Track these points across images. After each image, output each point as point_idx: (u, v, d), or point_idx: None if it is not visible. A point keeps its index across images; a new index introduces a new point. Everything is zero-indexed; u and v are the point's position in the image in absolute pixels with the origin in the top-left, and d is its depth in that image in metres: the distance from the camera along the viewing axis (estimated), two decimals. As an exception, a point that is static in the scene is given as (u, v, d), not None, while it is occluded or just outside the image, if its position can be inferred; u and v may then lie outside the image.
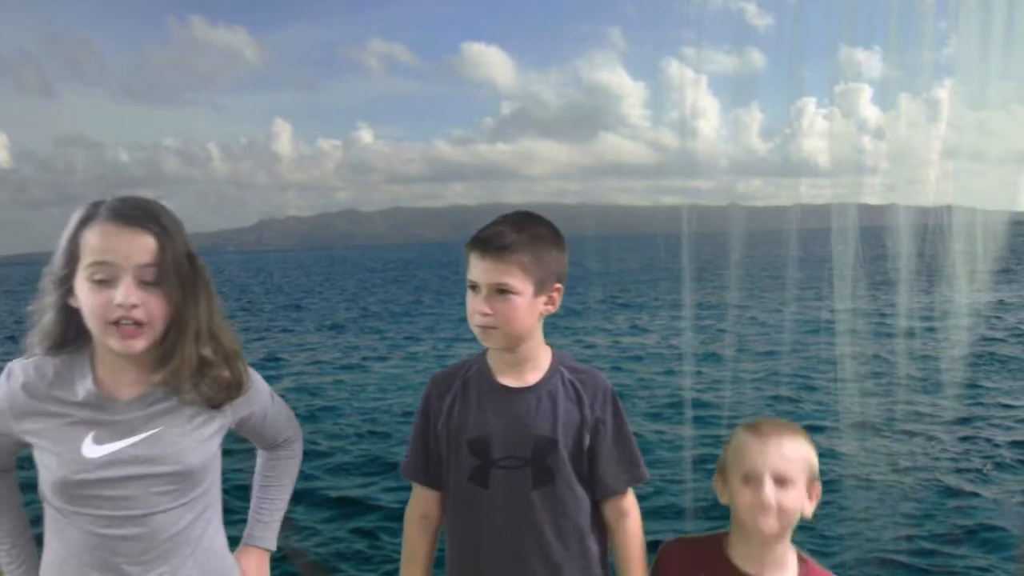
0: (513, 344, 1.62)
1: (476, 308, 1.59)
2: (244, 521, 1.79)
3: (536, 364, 1.67)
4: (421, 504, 1.73)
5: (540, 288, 1.60)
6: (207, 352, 1.45)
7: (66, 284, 1.39)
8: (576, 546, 1.64)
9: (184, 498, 1.46)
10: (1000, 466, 6.62)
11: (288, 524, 1.81)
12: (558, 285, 1.65)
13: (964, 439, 7.41)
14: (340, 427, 8.69)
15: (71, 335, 1.44)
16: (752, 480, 1.55)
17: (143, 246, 1.36)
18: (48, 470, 1.40)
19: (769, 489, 1.52)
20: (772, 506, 1.52)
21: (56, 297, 1.41)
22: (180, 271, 1.40)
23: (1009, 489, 6.09)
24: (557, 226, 1.67)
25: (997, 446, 7.14)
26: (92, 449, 1.40)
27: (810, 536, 5.20)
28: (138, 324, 1.36)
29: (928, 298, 18.50)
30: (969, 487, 6.12)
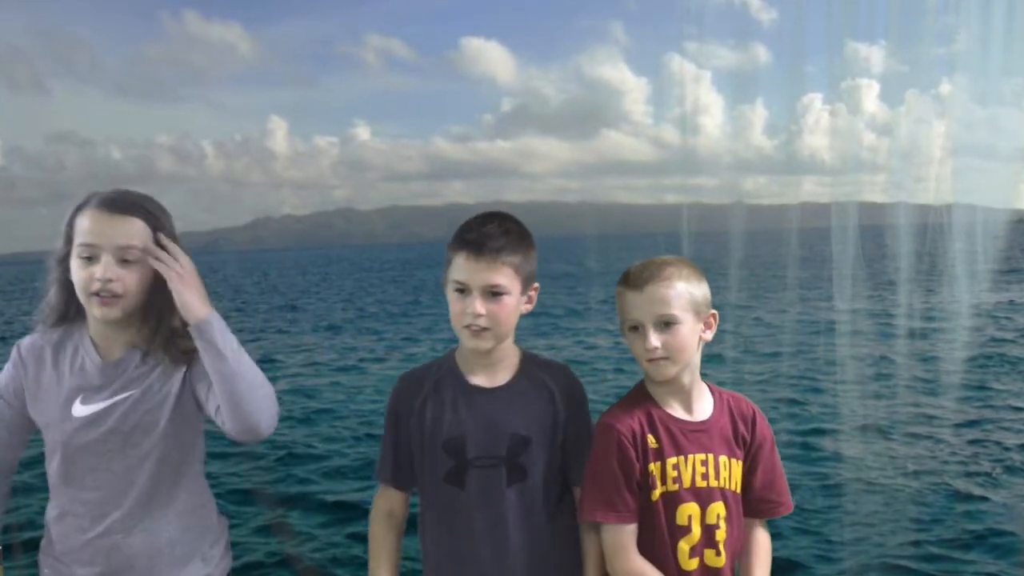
0: (499, 344, 1.67)
1: (469, 310, 1.62)
2: (241, 526, 1.80)
3: (507, 363, 1.72)
4: (387, 502, 1.77)
5: (524, 287, 1.68)
6: (177, 323, 1.64)
7: (65, 263, 1.63)
8: (553, 542, 1.68)
9: (156, 455, 1.66)
10: (1010, 470, 6.52)
11: (285, 529, 1.81)
12: (536, 284, 1.72)
13: (973, 442, 7.30)
14: (337, 430, 8.58)
15: (72, 308, 1.68)
16: (637, 329, 1.62)
17: (124, 230, 1.59)
18: (51, 430, 1.66)
19: (653, 336, 1.59)
20: (659, 352, 1.59)
21: (58, 274, 1.66)
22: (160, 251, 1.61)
23: (1019, 493, 6.00)
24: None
25: (1007, 449, 7.04)
26: (80, 409, 1.64)
27: (815, 541, 5.12)
28: (114, 295, 1.58)
29: (936, 298, 18.41)
30: (978, 491, 6.02)
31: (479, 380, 1.70)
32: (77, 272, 1.59)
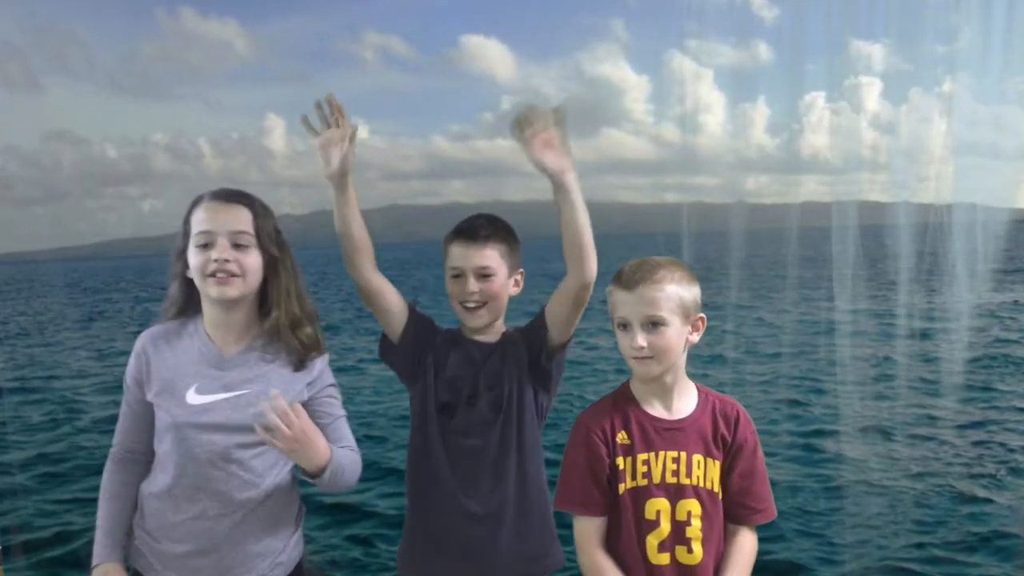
0: (493, 320, 1.95)
1: (464, 289, 1.90)
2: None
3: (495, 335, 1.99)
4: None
5: (511, 272, 1.96)
6: (296, 309, 1.78)
7: (183, 257, 1.73)
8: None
9: (257, 451, 1.72)
10: (1014, 471, 6.47)
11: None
12: (521, 270, 2.00)
13: (977, 444, 7.25)
14: (336, 431, 8.52)
15: (191, 302, 1.78)
16: (625, 327, 1.68)
17: (237, 216, 1.71)
18: (163, 412, 1.72)
19: (640, 336, 1.64)
20: (644, 351, 1.64)
21: (178, 268, 1.76)
22: (269, 239, 1.74)
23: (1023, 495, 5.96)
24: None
25: (1011, 451, 7.00)
26: (195, 397, 1.71)
27: (817, 543, 5.08)
28: (232, 275, 1.69)
29: (939, 298, 18.35)
30: (982, 493, 5.98)
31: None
32: (195, 258, 1.70)
